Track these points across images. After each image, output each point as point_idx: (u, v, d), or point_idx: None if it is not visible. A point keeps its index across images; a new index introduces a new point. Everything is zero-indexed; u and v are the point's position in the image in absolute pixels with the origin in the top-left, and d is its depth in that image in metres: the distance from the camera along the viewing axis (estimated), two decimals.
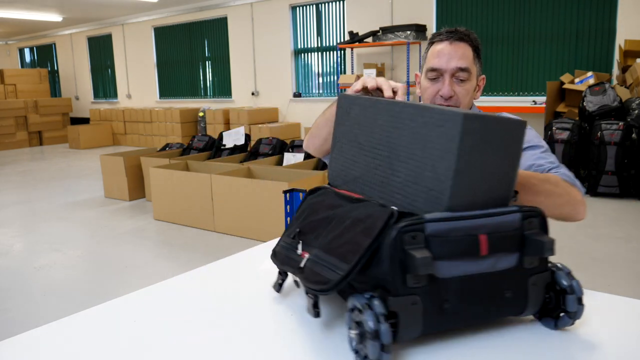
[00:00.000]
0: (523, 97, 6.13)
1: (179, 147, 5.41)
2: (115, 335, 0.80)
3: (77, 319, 0.86)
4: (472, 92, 1.36)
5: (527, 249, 0.73)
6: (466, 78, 1.31)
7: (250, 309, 0.89)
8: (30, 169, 7.28)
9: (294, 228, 0.90)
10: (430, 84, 1.34)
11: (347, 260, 0.70)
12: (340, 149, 0.92)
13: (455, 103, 1.33)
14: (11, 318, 2.51)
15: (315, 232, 0.83)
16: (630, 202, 4.38)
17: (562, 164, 1.24)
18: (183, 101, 9.97)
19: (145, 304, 0.92)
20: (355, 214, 0.76)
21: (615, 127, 4.45)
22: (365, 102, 0.87)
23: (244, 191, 3.66)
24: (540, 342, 0.75)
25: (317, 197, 0.92)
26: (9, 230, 4.10)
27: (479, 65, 1.36)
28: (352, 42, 6.90)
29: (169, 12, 9.58)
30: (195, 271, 1.08)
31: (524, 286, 0.74)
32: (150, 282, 1.02)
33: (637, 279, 2.78)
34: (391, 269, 0.66)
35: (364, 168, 0.85)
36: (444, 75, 1.31)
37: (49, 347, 0.77)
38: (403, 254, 0.66)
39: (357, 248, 0.69)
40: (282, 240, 0.93)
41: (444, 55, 1.30)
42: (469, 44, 1.32)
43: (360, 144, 0.86)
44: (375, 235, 0.68)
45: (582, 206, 1.15)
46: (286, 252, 0.87)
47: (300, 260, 0.81)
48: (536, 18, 5.93)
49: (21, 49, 13.62)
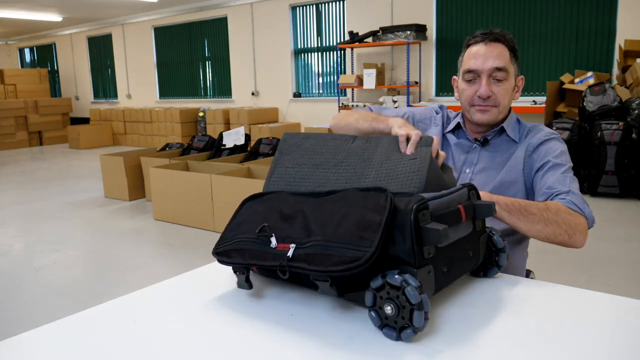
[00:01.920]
0: (523, 97, 6.13)
1: (179, 147, 5.41)
2: (115, 335, 0.80)
3: (77, 319, 0.86)
4: (511, 92, 1.36)
5: (477, 213, 0.91)
6: (504, 78, 1.31)
7: (250, 309, 0.89)
8: (30, 169, 7.28)
9: (252, 226, 0.90)
10: (467, 85, 1.34)
11: (367, 238, 0.74)
12: (283, 173, 1.03)
13: (493, 103, 1.33)
14: (11, 318, 2.51)
15: (289, 225, 0.86)
16: (630, 202, 4.38)
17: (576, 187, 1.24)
18: (183, 101, 9.97)
19: (145, 304, 0.92)
20: (347, 200, 0.83)
21: (615, 127, 4.45)
22: (319, 136, 1.07)
23: (244, 191, 3.65)
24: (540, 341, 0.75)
25: (266, 200, 0.96)
26: (9, 230, 4.10)
27: (516, 65, 1.36)
28: (352, 42, 6.90)
29: (169, 12, 9.59)
30: (195, 271, 1.08)
31: (477, 245, 0.93)
32: (150, 282, 1.02)
33: (637, 279, 2.78)
34: (413, 244, 0.75)
35: (319, 181, 0.97)
36: (481, 76, 1.31)
37: (49, 347, 0.77)
38: (419, 229, 0.75)
39: (372, 225, 0.75)
40: (234, 239, 0.92)
41: (480, 56, 1.31)
42: (504, 44, 1.32)
43: (317, 164, 1.00)
44: (387, 213, 0.75)
45: (581, 235, 1.15)
46: (257, 247, 0.87)
47: (283, 252, 0.82)
48: (536, 18, 5.94)
49: (21, 49, 13.63)
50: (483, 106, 1.33)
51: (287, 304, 0.90)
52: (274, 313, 0.87)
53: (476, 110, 1.35)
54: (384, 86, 6.80)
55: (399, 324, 0.75)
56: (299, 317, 0.85)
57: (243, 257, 0.88)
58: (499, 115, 1.35)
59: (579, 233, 1.14)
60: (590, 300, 0.90)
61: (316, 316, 0.85)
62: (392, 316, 0.75)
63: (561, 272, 2.85)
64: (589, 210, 1.18)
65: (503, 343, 0.74)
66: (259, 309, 0.88)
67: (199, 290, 0.98)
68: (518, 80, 1.38)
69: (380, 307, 0.76)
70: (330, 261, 0.75)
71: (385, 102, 6.72)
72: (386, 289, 0.75)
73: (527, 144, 1.35)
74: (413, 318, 0.73)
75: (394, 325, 0.75)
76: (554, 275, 2.78)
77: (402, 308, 0.74)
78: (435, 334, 0.77)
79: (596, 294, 0.92)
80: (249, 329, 0.81)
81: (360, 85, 6.85)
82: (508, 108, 1.38)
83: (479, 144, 1.40)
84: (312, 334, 0.79)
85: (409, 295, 0.72)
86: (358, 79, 6.91)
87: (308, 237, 0.81)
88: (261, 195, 0.99)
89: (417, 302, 0.72)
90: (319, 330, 0.80)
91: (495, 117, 1.35)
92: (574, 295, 0.92)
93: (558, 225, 1.12)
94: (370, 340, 0.76)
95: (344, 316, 0.84)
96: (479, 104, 1.33)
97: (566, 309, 0.86)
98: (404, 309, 0.73)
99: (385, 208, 0.76)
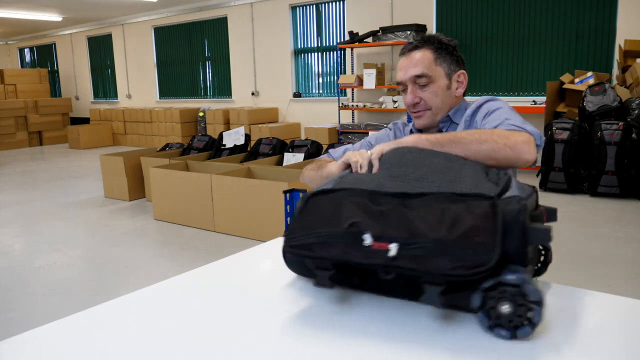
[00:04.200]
0: (523, 97, 6.13)
1: (179, 147, 5.41)
2: (115, 335, 0.80)
3: (77, 319, 0.86)
4: (444, 92, 1.40)
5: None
6: (426, 82, 1.38)
7: (250, 308, 0.89)
8: (30, 169, 7.28)
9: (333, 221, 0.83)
10: (403, 96, 1.45)
11: (486, 242, 0.74)
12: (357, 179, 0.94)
13: (424, 107, 1.41)
14: (11, 318, 2.51)
15: (381, 225, 0.80)
16: (630, 202, 4.38)
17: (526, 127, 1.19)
18: (183, 101, 9.97)
19: (145, 304, 0.92)
20: (449, 204, 0.80)
21: (615, 127, 4.45)
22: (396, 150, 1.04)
23: (244, 191, 3.66)
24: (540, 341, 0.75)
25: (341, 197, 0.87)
26: (9, 230, 4.10)
27: (447, 63, 1.40)
28: (352, 42, 6.90)
29: (169, 12, 9.58)
30: (195, 271, 1.08)
31: None
32: (150, 282, 1.02)
33: (637, 279, 2.78)
34: (522, 244, 0.77)
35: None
36: (408, 86, 1.41)
37: (49, 347, 0.77)
38: (526, 229, 0.77)
39: (489, 230, 0.75)
40: (314, 233, 0.83)
41: (402, 69, 1.41)
42: (427, 48, 1.38)
43: (394, 176, 0.92)
44: (499, 217, 0.76)
45: (525, 145, 1.08)
46: (346, 243, 0.80)
47: (381, 251, 0.78)
48: (536, 18, 5.93)
49: (21, 49, 13.62)
50: (416, 112, 1.43)
51: (289, 305, 0.89)
52: (275, 313, 0.86)
53: (414, 117, 1.45)
54: (384, 86, 6.80)
55: (514, 322, 0.75)
56: (298, 316, 0.85)
57: (329, 252, 0.81)
58: (436, 116, 1.42)
59: (521, 144, 1.08)
60: (590, 300, 0.90)
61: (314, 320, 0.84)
62: (507, 315, 0.75)
63: (561, 271, 2.85)
64: (531, 127, 1.16)
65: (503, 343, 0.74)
66: (259, 309, 0.88)
67: (198, 290, 0.98)
68: (457, 75, 1.42)
69: (492, 307, 0.76)
70: (450, 265, 0.74)
71: (385, 102, 6.72)
72: (499, 289, 0.75)
73: (464, 118, 1.39)
74: (533, 315, 0.74)
75: (508, 324, 0.75)
76: (553, 274, 2.78)
77: (519, 306, 0.74)
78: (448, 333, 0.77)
79: (596, 294, 0.92)
80: (249, 329, 0.81)
81: (360, 85, 6.85)
82: (445, 107, 1.42)
83: None
84: (313, 335, 0.78)
85: (529, 292, 0.73)
86: (358, 79, 6.91)
87: (412, 238, 0.77)
88: (331, 192, 0.89)
89: (538, 299, 0.73)
90: (320, 329, 0.80)
91: (432, 120, 1.43)
92: (574, 295, 0.92)
93: (494, 141, 1.08)
94: None
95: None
96: (412, 111, 1.43)
97: (566, 308, 0.86)
98: (521, 307, 0.74)
99: (495, 213, 0.76)
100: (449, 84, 1.41)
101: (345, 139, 7.00)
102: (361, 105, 6.96)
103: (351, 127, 7.01)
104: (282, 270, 1.00)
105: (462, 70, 1.43)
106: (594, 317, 0.83)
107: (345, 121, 7.28)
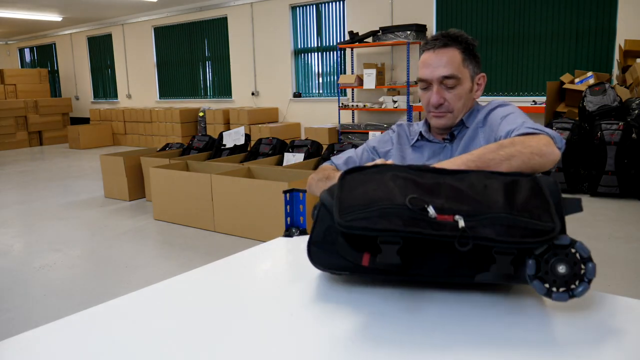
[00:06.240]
0: (523, 97, 6.13)
1: (179, 147, 5.41)
2: (115, 335, 0.80)
3: (77, 319, 0.86)
4: (467, 94, 1.37)
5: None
6: (454, 84, 1.34)
7: (250, 309, 0.89)
8: (30, 169, 7.28)
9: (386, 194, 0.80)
10: (422, 93, 1.40)
11: (545, 212, 0.80)
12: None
13: (447, 109, 1.37)
14: (11, 318, 2.51)
15: (436, 197, 0.81)
16: (630, 202, 4.38)
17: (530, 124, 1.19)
18: (183, 101, 9.97)
19: (145, 304, 0.92)
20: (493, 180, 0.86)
21: (615, 127, 4.45)
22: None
23: (244, 191, 3.66)
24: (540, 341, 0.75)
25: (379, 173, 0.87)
26: (9, 230, 4.10)
27: (472, 65, 1.37)
28: (352, 42, 6.90)
29: (169, 12, 9.59)
30: (195, 271, 1.08)
31: None
32: (150, 282, 1.02)
33: (637, 279, 2.78)
34: (561, 214, 0.83)
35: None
36: (432, 84, 1.35)
37: (49, 347, 0.77)
38: (560, 200, 0.84)
39: (544, 201, 0.82)
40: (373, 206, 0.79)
41: (429, 66, 1.35)
42: (456, 47, 1.34)
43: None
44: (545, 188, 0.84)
45: (549, 147, 1.08)
46: (411, 216, 0.77)
47: (449, 223, 0.77)
48: (536, 18, 5.93)
49: (21, 49, 13.63)
50: (437, 113, 1.38)
51: (289, 305, 0.89)
52: (275, 313, 0.86)
53: (432, 117, 1.40)
54: (384, 86, 6.80)
55: (570, 282, 0.78)
56: (298, 316, 0.84)
57: (395, 224, 0.76)
58: (455, 119, 1.39)
59: (545, 146, 1.07)
60: (590, 300, 0.90)
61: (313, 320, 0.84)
62: (564, 276, 0.78)
63: None
64: (547, 130, 1.15)
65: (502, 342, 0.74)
66: (259, 309, 0.88)
67: (198, 290, 0.98)
68: (478, 78, 1.40)
69: (546, 272, 0.78)
70: (521, 233, 0.77)
71: (385, 102, 6.72)
72: (551, 251, 0.78)
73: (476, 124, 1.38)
74: (587, 270, 0.78)
75: (564, 285, 0.78)
76: None
77: (574, 265, 0.78)
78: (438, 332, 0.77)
79: (596, 294, 0.92)
80: (249, 329, 0.81)
81: (360, 85, 6.85)
82: (465, 110, 1.40)
83: (447, 142, 1.43)
84: (313, 335, 0.78)
85: (580, 250, 0.78)
86: (358, 79, 6.91)
87: (476, 209, 0.79)
88: (362, 169, 0.88)
89: (589, 255, 0.78)
90: (320, 329, 0.80)
91: (452, 122, 1.39)
92: None
93: (521, 152, 1.06)
94: None
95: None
96: (433, 111, 1.38)
97: (566, 308, 0.86)
98: (576, 265, 0.78)
99: (540, 185, 0.84)
100: (472, 87, 1.38)
101: (345, 139, 7.00)
102: (361, 105, 6.97)
103: (351, 127, 7.02)
104: (282, 271, 1.00)
105: (483, 72, 1.41)
106: (593, 317, 0.83)
107: (345, 121, 7.28)
